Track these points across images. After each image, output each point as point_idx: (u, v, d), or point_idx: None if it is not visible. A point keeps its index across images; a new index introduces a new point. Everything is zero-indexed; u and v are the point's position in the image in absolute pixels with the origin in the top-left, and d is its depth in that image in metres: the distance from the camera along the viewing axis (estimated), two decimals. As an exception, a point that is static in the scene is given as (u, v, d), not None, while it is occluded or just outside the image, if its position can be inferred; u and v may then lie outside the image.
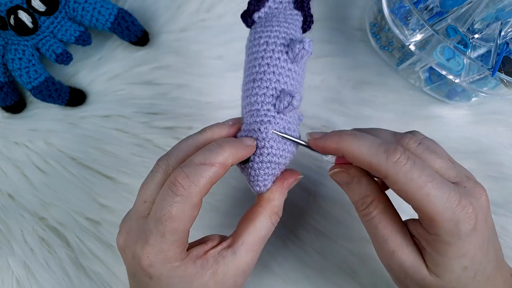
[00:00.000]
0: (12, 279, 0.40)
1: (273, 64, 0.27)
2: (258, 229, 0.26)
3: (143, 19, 0.46)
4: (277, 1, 0.30)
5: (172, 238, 0.24)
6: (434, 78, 0.42)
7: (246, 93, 0.28)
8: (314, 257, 0.38)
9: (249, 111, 0.28)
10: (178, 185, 0.23)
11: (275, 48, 0.28)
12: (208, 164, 0.24)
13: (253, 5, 0.29)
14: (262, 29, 0.29)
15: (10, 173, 0.44)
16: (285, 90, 0.27)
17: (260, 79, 0.27)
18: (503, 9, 0.34)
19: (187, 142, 0.27)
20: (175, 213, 0.23)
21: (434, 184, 0.23)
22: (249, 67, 0.28)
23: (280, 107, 0.27)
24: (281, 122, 0.28)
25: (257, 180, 0.28)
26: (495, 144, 0.42)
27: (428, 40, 0.36)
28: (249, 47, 0.29)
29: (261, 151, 0.27)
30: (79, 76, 0.46)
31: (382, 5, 0.38)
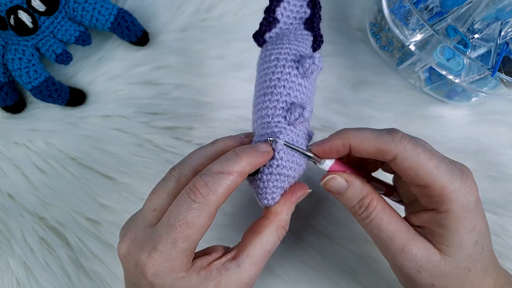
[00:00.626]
0: (12, 279, 0.40)
1: (283, 78, 0.28)
2: (264, 242, 0.26)
3: (143, 19, 0.46)
4: (288, 22, 0.31)
5: (183, 245, 0.23)
6: (434, 78, 0.42)
7: (257, 107, 0.29)
8: (314, 257, 0.38)
9: (260, 124, 0.28)
10: (197, 193, 0.23)
11: (286, 64, 0.28)
12: (226, 172, 0.24)
13: (265, 25, 0.30)
14: (273, 46, 0.30)
15: (10, 173, 0.44)
16: (296, 103, 0.28)
17: (271, 93, 0.28)
18: (503, 9, 0.34)
19: (200, 152, 0.28)
20: (191, 219, 0.23)
21: (436, 159, 0.24)
22: (260, 82, 0.29)
23: (291, 119, 0.27)
24: (291, 134, 0.28)
25: (265, 193, 0.27)
26: (495, 144, 0.42)
27: (428, 40, 0.36)
28: (260, 64, 0.30)
29: (271, 162, 0.27)
30: (79, 76, 0.46)
31: (382, 5, 0.38)
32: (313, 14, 0.31)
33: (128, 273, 0.25)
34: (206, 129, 0.43)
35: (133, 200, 0.41)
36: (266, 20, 0.30)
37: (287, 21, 0.31)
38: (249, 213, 0.40)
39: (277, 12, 0.31)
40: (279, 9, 0.31)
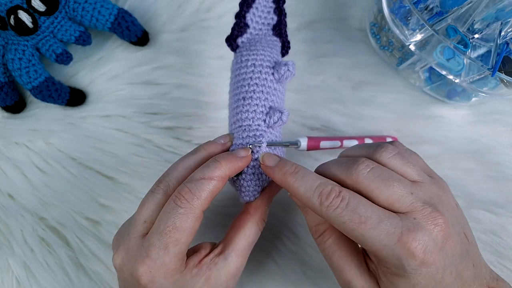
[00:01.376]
0: (12, 279, 0.40)
1: (261, 84, 0.30)
2: (247, 235, 0.28)
3: (143, 19, 0.46)
4: (257, 27, 0.33)
5: (175, 249, 0.25)
6: (434, 78, 0.42)
7: (236, 110, 0.31)
8: (313, 257, 0.38)
9: (240, 126, 0.30)
10: (182, 198, 0.25)
11: (262, 70, 0.30)
12: (207, 178, 0.26)
13: (236, 30, 0.33)
14: (248, 52, 0.32)
15: (10, 173, 0.44)
16: (273, 107, 0.30)
17: (250, 97, 0.30)
18: (503, 9, 0.34)
19: (183, 163, 0.29)
20: (179, 224, 0.24)
21: (368, 224, 0.23)
22: (237, 86, 0.31)
23: (270, 122, 0.30)
24: (270, 136, 0.30)
25: (248, 191, 0.30)
26: (495, 144, 0.42)
27: (428, 40, 0.36)
28: (235, 69, 0.32)
29: (254, 163, 0.29)
30: (79, 76, 0.46)
31: (382, 5, 0.38)
32: (279, 21, 0.34)
33: (124, 282, 0.26)
34: (206, 129, 0.43)
35: (133, 200, 0.41)
36: (237, 25, 0.33)
37: (257, 27, 0.34)
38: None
39: (247, 17, 0.33)
40: (248, 15, 0.33)
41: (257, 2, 0.33)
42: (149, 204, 0.27)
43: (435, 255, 0.23)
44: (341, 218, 0.24)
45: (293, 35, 0.46)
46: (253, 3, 0.33)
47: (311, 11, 0.46)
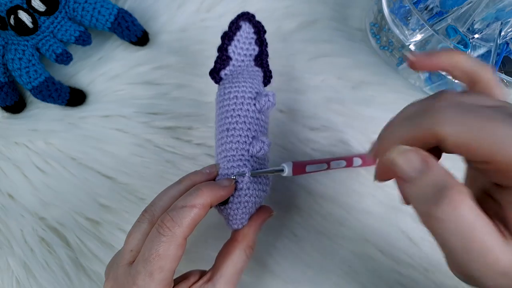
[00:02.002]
0: (12, 279, 0.40)
1: (243, 115, 0.31)
2: (234, 262, 0.29)
3: (143, 19, 0.46)
4: (240, 59, 0.34)
5: (159, 276, 0.25)
6: (434, 78, 0.42)
7: (220, 141, 0.32)
8: (314, 257, 0.38)
9: (225, 156, 0.31)
10: (164, 227, 0.26)
11: (244, 101, 0.31)
12: (189, 206, 0.27)
13: (219, 63, 0.34)
14: (230, 85, 0.32)
15: (10, 173, 0.44)
16: (256, 136, 0.31)
17: (233, 128, 0.31)
18: (503, 9, 0.34)
19: (168, 193, 0.30)
20: (162, 251, 0.25)
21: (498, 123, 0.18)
22: (221, 118, 0.32)
23: (253, 152, 0.31)
24: (255, 165, 0.31)
25: (235, 219, 0.31)
26: (495, 144, 0.41)
27: (428, 40, 0.36)
28: (219, 101, 0.33)
29: (239, 192, 0.30)
30: (79, 76, 0.46)
31: (382, 5, 0.38)
32: (261, 51, 0.35)
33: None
34: (206, 129, 0.43)
35: (133, 200, 0.41)
36: (220, 58, 0.34)
37: (239, 58, 0.34)
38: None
39: (229, 50, 0.34)
40: (230, 48, 0.34)
41: (239, 35, 0.34)
42: (135, 234, 0.28)
43: None
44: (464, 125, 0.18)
45: (293, 35, 0.46)
46: (234, 36, 0.34)
47: (311, 11, 0.46)
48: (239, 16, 0.34)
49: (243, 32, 0.34)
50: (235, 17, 0.34)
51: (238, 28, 0.34)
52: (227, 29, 0.34)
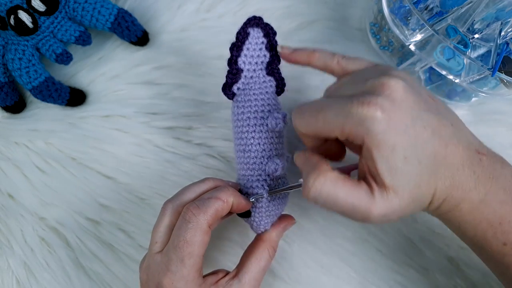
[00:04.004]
0: (12, 279, 0.40)
1: (257, 137, 0.32)
2: (258, 260, 0.31)
3: (143, 19, 0.46)
4: (251, 69, 0.34)
5: (190, 262, 0.27)
6: (434, 78, 0.42)
7: (239, 160, 0.33)
8: (314, 256, 0.38)
9: (244, 175, 0.33)
10: (190, 214, 0.28)
11: (257, 122, 0.32)
12: (214, 198, 0.29)
13: (230, 78, 0.33)
14: (243, 104, 0.33)
15: (10, 173, 0.44)
16: (271, 156, 0.32)
17: (249, 150, 0.32)
18: (503, 9, 0.34)
19: (191, 188, 0.31)
20: (189, 238, 0.27)
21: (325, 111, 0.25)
22: (237, 138, 0.33)
23: (270, 172, 0.32)
24: (272, 183, 0.32)
25: (259, 228, 0.33)
26: (495, 144, 0.41)
27: (428, 40, 0.36)
28: (234, 120, 0.34)
29: (260, 210, 0.32)
30: (79, 76, 0.46)
31: (382, 5, 0.38)
32: (272, 57, 0.34)
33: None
34: (206, 129, 0.43)
35: (133, 200, 0.41)
36: (230, 73, 0.33)
37: (250, 68, 0.34)
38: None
39: (239, 62, 0.33)
40: (240, 59, 0.33)
41: (247, 43, 0.33)
42: (158, 227, 0.30)
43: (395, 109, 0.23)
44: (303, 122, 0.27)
45: (293, 35, 0.46)
46: (243, 45, 0.33)
47: (311, 11, 0.46)
48: (246, 23, 0.33)
49: (252, 39, 0.33)
50: (242, 25, 0.33)
51: (247, 36, 0.33)
52: (235, 39, 0.33)
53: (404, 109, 0.24)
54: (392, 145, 0.23)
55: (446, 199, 0.26)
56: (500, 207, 0.26)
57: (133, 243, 0.40)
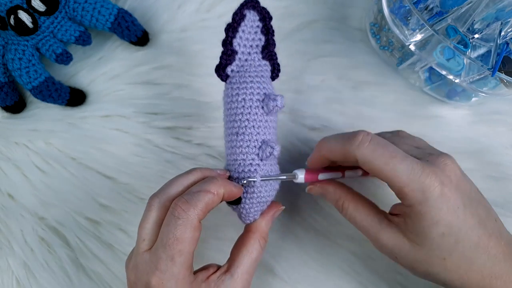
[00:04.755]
0: (12, 279, 0.40)
1: (252, 119, 0.31)
2: (250, 252, 0.30)
3: (143, 19, 0.46)
4: (246, 52, 0.33)
5: (180, 260, 0.26)
6: (434, 78, 0.42)
7: (230, 144, 0.32)
8: (314, 257, 0.38)
9: (235, 160, 0.32)
10: (179, 209, 0.26)
11: (252, 105, 0.31)
12: (203, 191, 0.27)
13: (224, 59, 0.32)
14: (238, 86, 0.32)
15: (10, 173, 0.44)
16: (265, 140, 0.31)
17: (243, 133, 0.31)
18: (503, 9, 0.34)
19: (178, 181, 0.30)
20: (179, 235, 0.26)
21: (398, 159, 0.27)
22: (230, 120, 0.32)
23: (263, 156, 0.31)
24: (265, 168, 0.32)
25: (248, 216, 0.32)
26: (495, 144, 0.42)
27: (428, 40, 0.36)
28: (227, 102, 0.32)
29: (251, 195, 0.31)
30: (79, 76, 0.46)
31: (382, 5, 0.38)
32: (267, 41, 0.33)
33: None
34: (206, 129, 0.43)
35: (133, 200, 0.41)
36: (225, 53, 0.32)
37: (245, 51, 0.33)
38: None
39: (234, 43, 0.32)
40: (235, 40, 0.32)
41: (243, 25, 0.33)
42: (144, 223, 0.28)
43: (452, 190, 0.26)
44: (374, 153, 0.27)
45: (293, 35, 0.46)
46: (239, 26, 0.32)
47: (311, 11, 0.46)
48: (243, 5, 0.32)
49: (247, 21, 0.33)
50: (239, 6, 0.32)
51: (243, 18, 0.32)
52: (231, 20, 0.32)
53: (459, 193, 0.26)
54: (438, 220, 0.26)
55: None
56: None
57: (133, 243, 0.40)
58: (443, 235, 0.26)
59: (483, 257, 0.26)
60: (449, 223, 0.26)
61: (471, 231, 0.26)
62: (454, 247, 0.26)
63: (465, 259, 0.26)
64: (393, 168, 0.26)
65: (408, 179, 0.26)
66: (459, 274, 0.26)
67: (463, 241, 0.26)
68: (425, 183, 0.26)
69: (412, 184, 0.26)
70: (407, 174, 0.26)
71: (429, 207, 0.26)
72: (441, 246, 0.26)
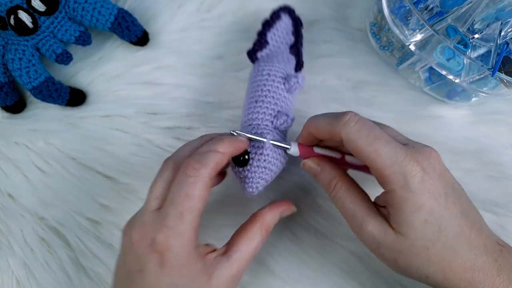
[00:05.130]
0: (12, 279, 0.40)
1: (273, 90, 0.35)
2: (250, 238, 0.30)
3: (143, 19, 0.46)
4: (276, 45, 0.39)
5: (189, 217, 0.26)
6: (434, 78, 0.42)
7: (248, 111, 0.35)
8: (314, 257, 0.38)
9: (250, 124, 0.34)
10: (191, 168, 0.27)
11: (275, 79, 0.35)
12: (212, 151, 0.28)
13: (257, 45, 0.38)
14: (265, 63, 0.36)
15: (10, 173, 0.44)
16: (281, 111, 0.34)
17: (262, 101, 0.34)
18: (503, 9, 0.34)
19: (190, 144, 0.31)
20: (190, 192, 0.26)
21: (382, 142, 0.26)
22: (252, 91, 0.35)
23: (277, 124, 0.34)
24: (276, 136, 0.34)
25: (251, 182, 0.32)
26: (495, 144, 0.42)
27: (428, 40, 0.36)
28: (252, 77, 0.36)
29: (259, 157, 0.32)
30: (79, 76, 0.46)
31: (382, 5, 0.38)
32: (296, 42, 0.39)
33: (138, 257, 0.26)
34: (206, 129, 0.43)
35: (133, 200, 0.41)
36: (258, 41, 0.38)
37: (275, 44, 0.39)
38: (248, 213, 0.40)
39: (268, 36, 0.38)
40: (269, 34, 0.38)
41: (278, 24, 0.39)
42: (158, 182, 0.28)
43: (434, 179, 0.26)
44: (358, 134, 0.27)
45: (293, 35, 0.46)
46: (274, 24, 0.39)
47: (311, 11, 0.46)
48: (281, 8, 0.39)
49: (282, 22, 0.39)
50: (277, 8, 0.39)
51: (278, 18, 0.39)
52: (268, 18, 0.38)
53: (441, 181, 0.26)
54: (420, 206, 0.25)
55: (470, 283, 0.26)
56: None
57: (133, 243, 0.40)
58: (426, 222, 0.25)
59: (466, 248, 0.26)
60: (431, 209, 0.25)
61: (454, 220, 0.26)
62: (437, 236, 0.25)
63: (448, 250, 0.26)
64: (376, 150, 0.26)
65: (390, 161, 0.26)
66: (442, 265, 0.26)
67: (446, 229, 0.26)
68: (407, 168, 0.25)
69: (393, 166, 0.26)
70: (390, 157, 0.26)
71: (410, 192, 0.25)
72: (425, 235, 0.26)
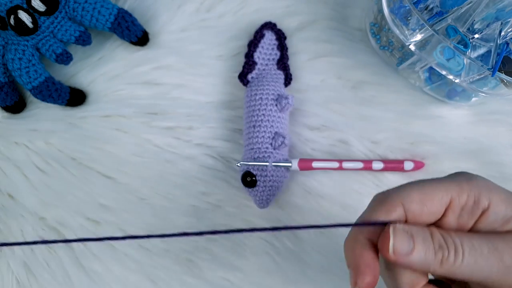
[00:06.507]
0: (12, 279, 0.40)
1: (267, 114, 0.38)
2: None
3: (143, 19, 0.46)
4: (264, 63, 0.42)
5: None
6: (434, 78, 0.42)
7: (248, 135, 0.38)
8: (314, 256, 0.38)
9: (252, 148, 0.38)
10: None
11: (268, 102, 0.38)
12: None
13: (246, 68, 0.41)
14: (256, 88, 0.39)
15: (10, 173, 0.44)
16: (278, 132, 0.38)
17: (259, 125, 0.38)
18: (503, 9, 0.34)
19: None
20: None
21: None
22: (248, 116, 0.39)
23: (276, 145, 0.37)
24: (277, 156, 0.38)
25: (261, 200, 0.37)
26: (495, 144, 0.42)
27: (428, 40, 0.36)
28: (247, 101, 0.40)
29: (265, 178, 0.37)
30: (79, 76, 0.46)
31: (382, 5, 0.38)
32: (282, 56, 0.42)
33: None
34: (206, 129, 0.43)
35: (133, 200, 0.41)
36: (247, 64, 0.41)
37: (263, 63, 0.42)
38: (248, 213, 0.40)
39: (255, 56, 0.41)
40: (255, 54, 0.41)
41: (262, 42, 0.41)
42: None
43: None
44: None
45: (293, 35, 0.46)
46: (259, 43, 0.41)
47: (311, 11, 0.46)
48: (263, 26, 0.42)
49: (266, 39, 0.42)
50: (259, 27, 0.42)
51: (262, 36, 0.41)
52: (253, 38, 0.41)
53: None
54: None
55: None
56: None
57: (133, 243, 0.40)
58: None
59: None
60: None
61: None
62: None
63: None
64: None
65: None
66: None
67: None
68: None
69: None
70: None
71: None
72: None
